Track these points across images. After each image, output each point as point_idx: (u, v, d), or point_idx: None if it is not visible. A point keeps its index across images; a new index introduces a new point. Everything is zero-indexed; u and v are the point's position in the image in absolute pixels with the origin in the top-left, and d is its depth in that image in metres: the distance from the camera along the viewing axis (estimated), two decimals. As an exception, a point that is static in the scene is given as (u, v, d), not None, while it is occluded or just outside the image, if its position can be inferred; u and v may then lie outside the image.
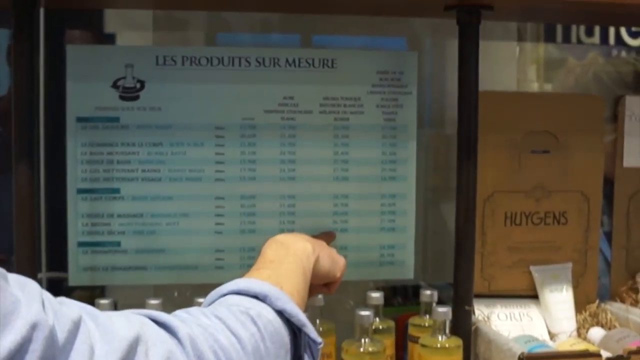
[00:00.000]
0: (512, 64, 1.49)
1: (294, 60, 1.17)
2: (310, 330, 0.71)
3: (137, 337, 0.54)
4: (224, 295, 0.72)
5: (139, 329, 0.55)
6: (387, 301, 1.24)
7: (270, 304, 0.70)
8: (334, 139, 1.18)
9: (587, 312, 1.25)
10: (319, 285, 0.96)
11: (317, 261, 0.89)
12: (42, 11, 1.13)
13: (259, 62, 1.17)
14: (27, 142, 1.05)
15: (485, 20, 1.14)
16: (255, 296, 0.71)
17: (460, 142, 1.14)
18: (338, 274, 0.96)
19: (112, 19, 1.27)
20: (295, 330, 0.72)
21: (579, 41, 1.59)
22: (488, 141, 1.19)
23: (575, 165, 1.26)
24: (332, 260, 0.95)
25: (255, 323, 0.66)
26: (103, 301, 1.09)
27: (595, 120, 1.27)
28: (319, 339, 0.72)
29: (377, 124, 1.19)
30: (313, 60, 1.18)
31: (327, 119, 1.18)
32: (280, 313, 0.70)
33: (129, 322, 0.55)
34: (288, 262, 0.83)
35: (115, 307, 1.10)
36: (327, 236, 1.14)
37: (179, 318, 0.63)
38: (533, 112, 1.25)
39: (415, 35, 1.39)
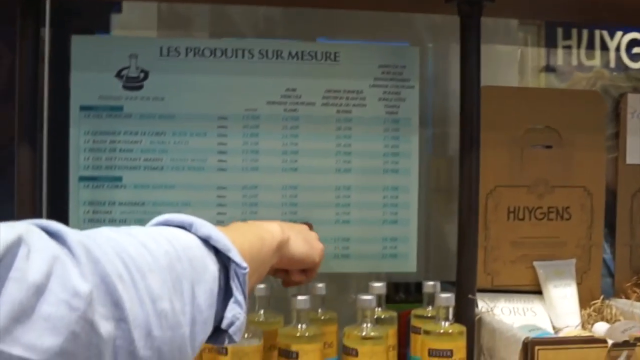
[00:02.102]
0: (514, 67, 1.50)
1: (297, 53, 1.18)
2: (235, 254, 0.65)
3: (18, 240, 0.48)
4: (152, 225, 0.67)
5: (22, 233, 0.49)
6: (390, 298, 1.23)
7: (195, 232, 0.65)
8: (337, 131, 1.19)
9: (592, 308, 1.23)
10: (297, 271, 0.93)
11: (288, 244, 0.85)
12: (47, 2, 1.14)
13: (262, 54, 1.17)
14: (30, 128, 1.05)
15: (487, 16, 1.15)
16: (181, 225, 0.66)
17: (463, 135, 1.14)
18: (317, 259, 0.92)
19: (118, 13, 1.28)
20: (225, 263, 0.65)
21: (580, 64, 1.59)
22: (490, 136, 1.19)
23: (577, 161, 1.26)
24: (309, 245, 0.91)
25: (171, 243, 0.60)
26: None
27: (597, 117, 1.27)
28: (243, 264, 0.65)
29: (379, 117, 1.20)
30: (316, 53, 1.19)
31: (329, 111, 1.19)
32: (207, 242, 0.64)
33: (11, 228, 0.49)
34: (245, 228, 0.79)
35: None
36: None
37: (77, 231, 0.55)
38: (535, 108, 1.25)
39: (417, 37, 1.40)
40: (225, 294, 0.65)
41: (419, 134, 1.22)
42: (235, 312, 0.65)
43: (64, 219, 1.15)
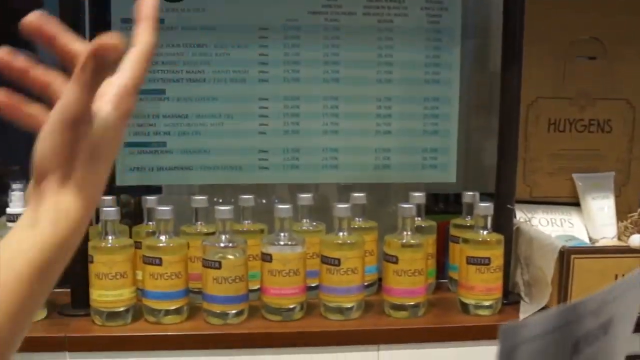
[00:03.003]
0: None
1: (337, -38, 1.17)
2: None
3: None
4: None
5: None
6: (429, 209, 1.25)
7: None
8: (378, 41, 1.18)
9: (629, 221, 1.24)
10: None
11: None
12: None
13: (302, -37, 1.16)
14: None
15: None
16: None
17: (505, 46, 1.13)
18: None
19: None
20: None
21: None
22: (533, 46, 1.18)
23: (621, 73, 1.24)
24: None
25: None
26: (149, 197, 1.12)
27: (644, 27, 1.24)
28: None
29: (421, 27, 1.19)
30: (357, -39, 1.17)
31: (370, 21, 1.18)
32: None
33: None
34: None
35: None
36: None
37: None
38: (581, 18, 1.22)
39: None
40: None
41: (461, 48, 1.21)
42: None
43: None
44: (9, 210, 1.06)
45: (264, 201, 1.24)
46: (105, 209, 1.03)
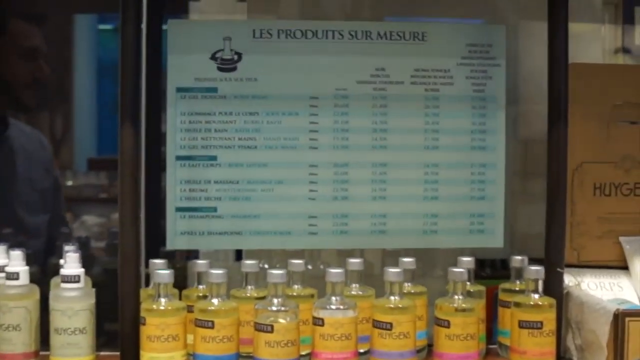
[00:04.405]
0: (597, 45, 1.49)
1: (385, 33, 1.21)
2: None
3: None
4: None
5: None
6: (475, 274, 1.25)
7: None
8: (425, 109, 1.21)
9: (679, 285, 1.23)
10: None
11: None
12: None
13: (351, 34, 1.20)
14: (132, 108, 1.09)
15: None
16: None
17: (551, 112, 1.16)
18: None
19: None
20: None
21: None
22: (576, 112, 1.20)
23: (665, 137, 1.25)
24: None
25: None
26: (200, 261, 1.13)
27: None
28: None
29: (467, 95, 1.22)
30: (404, 33, 1.21)
31: (417, 90, 1.21)
32: None
33: None
34: None
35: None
36: None
37: None
38: (622, 83, 1.25)
39: (498, 14, 1.40)
40: None
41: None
42: None
43: (161, 196, 1.20)
44: (64, 272, 1.07)
45: (309, 267, 1.26)
46: (158, 271, 1.05)
